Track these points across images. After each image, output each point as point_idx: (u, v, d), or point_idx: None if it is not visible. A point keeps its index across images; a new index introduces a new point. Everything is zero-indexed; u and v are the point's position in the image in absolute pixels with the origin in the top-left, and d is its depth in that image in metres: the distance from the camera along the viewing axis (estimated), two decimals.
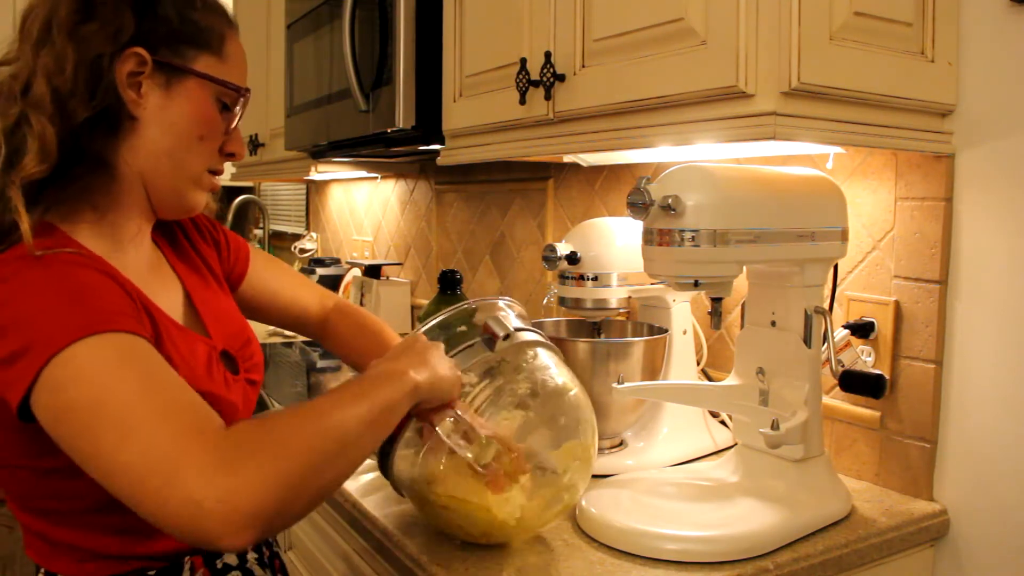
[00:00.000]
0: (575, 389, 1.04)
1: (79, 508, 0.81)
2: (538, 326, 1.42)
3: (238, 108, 0.91)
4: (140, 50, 0.82)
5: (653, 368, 1.27)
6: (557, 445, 1.00)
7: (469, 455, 0.92)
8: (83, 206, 0.85)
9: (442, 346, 0.94)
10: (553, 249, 1.29)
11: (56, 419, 0.70)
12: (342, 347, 1.22)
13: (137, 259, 0.90)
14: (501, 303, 1.06)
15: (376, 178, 2.73)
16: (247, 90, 0.92)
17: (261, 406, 1.64)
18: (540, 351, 1.04)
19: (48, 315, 0.71)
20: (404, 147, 1.81)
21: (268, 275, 1.17)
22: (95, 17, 0.81)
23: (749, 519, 1.01)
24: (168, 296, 0.93)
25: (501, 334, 0.97)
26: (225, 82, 0.89)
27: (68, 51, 0.80)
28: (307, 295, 1.22)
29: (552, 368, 1.04)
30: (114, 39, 0.81)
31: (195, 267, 1.01)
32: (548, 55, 1.17)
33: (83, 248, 0.82)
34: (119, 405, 0.68)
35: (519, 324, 1.03)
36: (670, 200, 0.96)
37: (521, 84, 1.21)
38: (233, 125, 0.91)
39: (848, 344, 1.21)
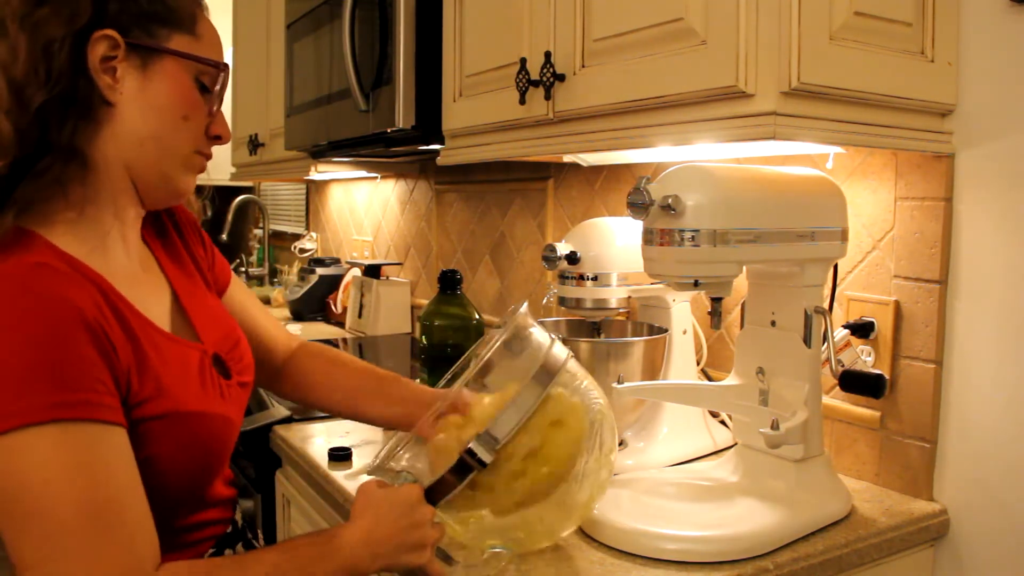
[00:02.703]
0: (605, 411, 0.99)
1: None
2: None
3: (218, 87, 0.88)
4: (111, 32, 0.80)
5: (653, 368, 1.27)
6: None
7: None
8: (58, 203, 0.81)
9: (413, 504, 0.87)
10: (553, 249, 1.29)
11: None
12: (309, 382, 1.15)
13: (125, 258, 0.87)
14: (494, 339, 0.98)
15: (376, 178, 2.73)
16: (226, 66, 0.89)
17: (262, 407, 1.64)
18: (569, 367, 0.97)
19: (12, 381, 0.68)
20: (404, 147, 1.81)
21: (244, 297, 1.14)
22: (48, 1, 0.78)
23: (749, 519, 1.01)
24: (157, 299, 0.91)
25: (487, 461, 0.87)
26: (204, 59, 0.86)
27: (21, 39, 0.77)
28: (276, 330, 1.18)
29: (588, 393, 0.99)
30: (69, 22, 0.78)
31: (184, 266, 0.98)
32: (548, 55, 1.17)
33: (63, 261, 0.78)
34: (50, 525, 0.68)
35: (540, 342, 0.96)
36: (670, 200, 0.96)
37: (521, 84, 1.21)
38: (216, 106, 0.89)
39: (848, 344, 1.21)
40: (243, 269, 3.54)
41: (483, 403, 0.94)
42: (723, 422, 1.38)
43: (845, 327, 1.21)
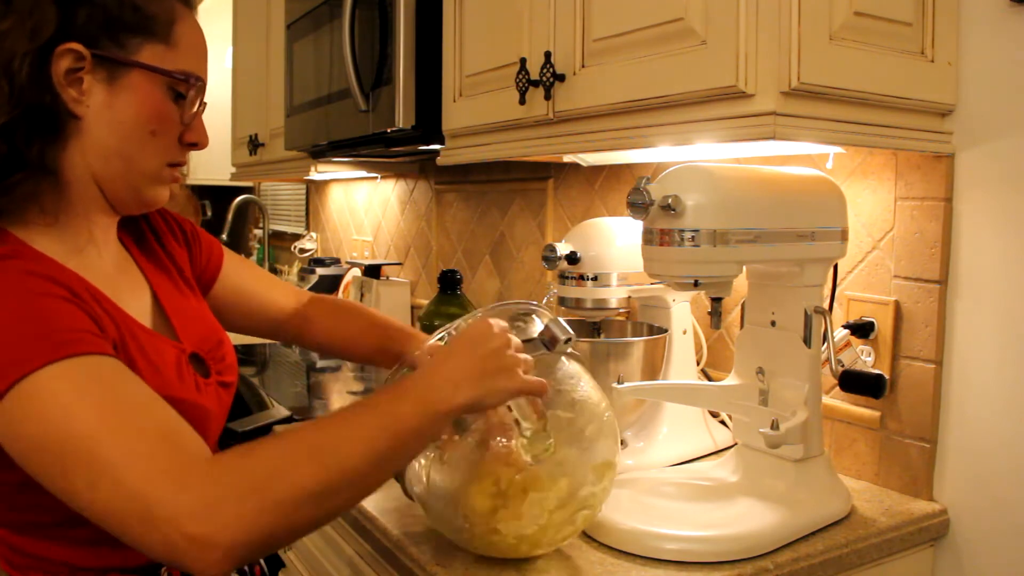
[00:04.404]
0: (603, 402, 0.99)
1: (48, 521, 0.79)
2: None
3: (192, 94, 0.85)
4: (75, 45, 0.77)
5: (653, 368, 1.27)
6: (584, 458, 0.96)
7: (525, 453, 0.88)
8: (32, 211, 0.80)
9: (508, 338, 0.84)
10: (553, 249, 1.29)
11: (24, 454, 0.69)
12: (323, 334, 1.18)
13: (100, 260, 0.87)
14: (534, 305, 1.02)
15: (376, 178, 2.73)
16: (198, 78, 0.85)
17: (260, 406, 1.64)
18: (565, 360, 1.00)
19: (2, 341, 0.68)
20: (404, 147, 1.81)
21: (241, 275, 1.14)
22: (10, 13, 0.75)
23: (749, 519, 1.01)
24: (136, 299, 0.90)
25: (563, 337, 0.93)
26: (172, 72, 0.82)
27: None
28: (282, 294, 1.19)
29: (579, 378, 1.00)
30: (33, 36, 0.75)
31: (163, 267, 0.97)
32: (548, 55, 1.17)
33: (36, 254, 0.78)
34: (86, 443, 0.66)
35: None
36: (670, 200, 0.96)
37: (521, 84, 1.21)
38: (192, 113, 0.86)
39: (848, 344, 1.21)
40: None
41: None
42: (723, 422, 1.38)
43: (845, 327, 1.21)
